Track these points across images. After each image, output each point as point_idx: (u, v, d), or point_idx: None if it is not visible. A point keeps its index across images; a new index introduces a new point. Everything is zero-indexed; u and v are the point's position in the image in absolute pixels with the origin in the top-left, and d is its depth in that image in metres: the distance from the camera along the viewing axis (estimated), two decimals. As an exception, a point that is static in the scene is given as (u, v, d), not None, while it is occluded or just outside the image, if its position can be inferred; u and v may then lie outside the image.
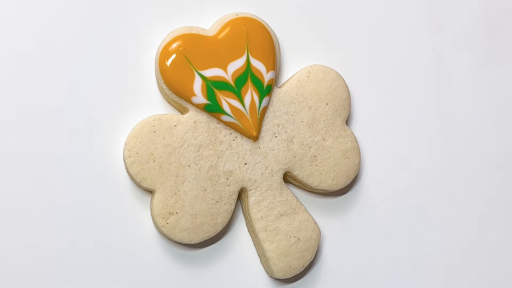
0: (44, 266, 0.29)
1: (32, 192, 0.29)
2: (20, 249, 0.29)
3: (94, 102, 0.29)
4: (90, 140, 0.29)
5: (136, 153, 0.28)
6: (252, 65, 0.29)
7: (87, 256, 0.29)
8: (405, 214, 0.33)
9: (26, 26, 0.29)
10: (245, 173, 0.30)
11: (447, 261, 0.34)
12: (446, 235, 0.34)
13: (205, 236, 0.29)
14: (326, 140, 0.31)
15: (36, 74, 0.29)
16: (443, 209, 0.34)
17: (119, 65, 0.30)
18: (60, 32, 0.29)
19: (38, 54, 0.29)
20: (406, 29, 0.33)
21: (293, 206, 0.31)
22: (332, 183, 0.31)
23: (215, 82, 0.29)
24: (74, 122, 0.29)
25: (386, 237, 0.33)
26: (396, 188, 0.33)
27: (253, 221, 0.30)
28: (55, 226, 0.29)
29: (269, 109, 0.30)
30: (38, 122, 0.29)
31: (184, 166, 0.29)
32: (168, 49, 0.28)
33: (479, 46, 0.34)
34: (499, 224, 0.34)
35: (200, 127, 0.29)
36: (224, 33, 0.29)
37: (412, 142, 0.33)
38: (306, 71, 0.31)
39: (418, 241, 0.33)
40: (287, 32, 0.32)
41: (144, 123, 0.29)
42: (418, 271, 0.33)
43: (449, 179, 0.34)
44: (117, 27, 0.30)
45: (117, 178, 0.29)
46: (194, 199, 0.29)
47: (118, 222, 0.30)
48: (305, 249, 0.31)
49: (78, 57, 0.29)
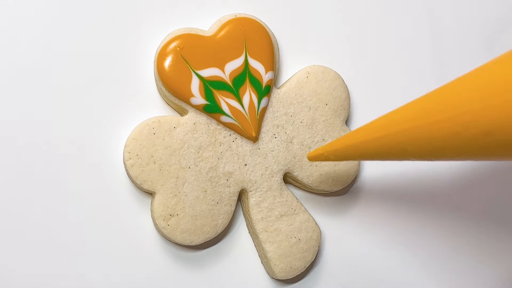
0: (44, 267, 0.29)
1: (31, 195, 0.29)
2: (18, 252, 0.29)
3: (93, 104, 0.29)
4: (90, 142, 0.29)
5: (136, 155, 0.28)
6: (250, 65, 0.29)
7: (87, 258, 0.29)
8: (405, 214, 0.33)
9: (24, 27, 0.29)
10: (245, 174, 0.30)
11: (447, 261, 0.34)
12: (446, 235, 0.34)
13: (206, 238, 0.29)
14: (326, 140, 0.31)
15: (34, 76, 0.29)
16: (443, 209, 0.34)
17: (119, 67, 0.30)
18: (59, 33, 0.29)
19: (36, 56, 0.29)
20: (406, 30, 0.33)
21: (293, 207, 0.31)
22: (332, 184, 0.31)
23: (213, 82, 0.29)
24: (74, 124, 0.29)
25: (387, 237, 0.33)
26: (396, 188, 0.33)
27: (253, 222, 0.30)
28: (54, 229, 0.29)
29: (268, 110, 0.30)
30: (36, 125, 0.29)
31: (184, 168, 0.29)
32: (165, 50, 0.29)
33: (479, 52, 0.34)
34: (499, 224, 0.34)
35: (199, 128, 0.29)
36: (222, 33, 0.29)
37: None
38: (305, 71, 0.31)
39: (418, 241, 0.33)
40: (286, 33, 0.32)
41: (144, 125, 0.29)
42: (418, 271, 0.33)
43: (449, 179, 0.34)
44: (117, 28, 0.30)
45: (117, 181, 0.29)
46: (194, 201, 0.29)
47: (118, 225, 0.30)
48: (306, 250, 0.31)
49: (77, 59, 0.29)
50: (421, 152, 0.23)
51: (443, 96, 0.22)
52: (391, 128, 0.23)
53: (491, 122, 0.20)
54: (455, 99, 0.21)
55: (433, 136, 0.22)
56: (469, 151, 0.21)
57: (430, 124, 0.22)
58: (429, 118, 0.22)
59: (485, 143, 0.21)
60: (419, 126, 0.22)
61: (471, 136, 0.21)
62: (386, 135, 0.24)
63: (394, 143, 0.23)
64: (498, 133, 0.20)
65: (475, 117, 0.20)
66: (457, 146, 0.21)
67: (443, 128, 0.21)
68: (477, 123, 0.20)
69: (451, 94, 0.22)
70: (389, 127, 0.24)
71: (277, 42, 0.31)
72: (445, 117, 0.21)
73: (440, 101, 0.22)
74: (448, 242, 0.34)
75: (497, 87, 0.20)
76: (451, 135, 0.21)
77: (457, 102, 0.21)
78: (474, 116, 0.20)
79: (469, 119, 0.21)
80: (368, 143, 0.25)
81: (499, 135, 0.20)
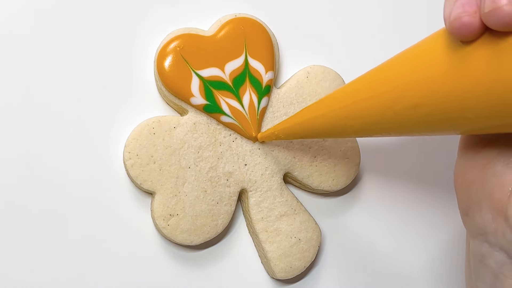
0: (44, 269, 0.29)
1: (31, 195, 0.29)
2: (18, 253, 0.29)
3: (94, 104, 0.29)
4: (90, 143, 0.29)
5: (136, 155, 0.28)
6: (250, 65, 0.29)
7: (88, 258, 0.29)
8: (405, 214, 0.33)
9: (26, 30, 0.29)
10: (245, 174, 0.30)
11: (447, 261, 0.34)
12: (446, 235, 0.34)
13: (206, 237, 0.29)
14: (326, 140, 0.31)
15: (35, 78, 0.29)
16: (443, 209, 0.34)
17: (119, 67, 0.30)
18: (59, 33, 0.29)
19: (36, 56, 0.29)
20: (406, 30, 0.33)
21: (293, 207, 0.31)
22: (332, 183, 0.31)
23: (213, 82, 0.29)
24: (74, 124, 0.29)
25: (387, 237, 0.33)
26: (396, 188, 0.33)
27: (253, 222, 0.30)
28: (55, 229, 0.29)
29: (268, 109, 0.30)
30: (37, 125, 0.29)
31: (184, 168, 0.29)
32: (165, 50, 0.29)
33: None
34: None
35: (199, 128, 0.29)
36: (222, 33, 0.29)
37: (412, 142, 0.33)
38: (305, 71, 0.31)
39: (418, 241, 0.33)
40: (287, 33, 0.32)
41: (144, 125, 0.29)
42: (418, 271, 0.33)
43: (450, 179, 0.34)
44: (117, 29, 0.30)
45: (117, 180, 0.29)
46: (194, 201, 0.29)
47: (118, 225, 0.30)
48: (306, 250, 0.31)
49: (78, 60, 0.29)
50: (360, 128, 0.24)
51: (378, 73, 0.23)
52: (333, 105, 0.25)
53: (418, 95, 0.21)
54: (387, 74, 0.23)
55: (369, 111, 0.23)
56: (401, 125, 0.22)
57: (365, 99, 0.23)
58: (364, 94, 0.23)
59: (414, 116, 0.22)
60: (356, 102, 0.24)
61: (401, 109, 0.22)
62: (329, 111, 0.25)
63: (336, 119, 0.25)
64: (425, 105, 0.21)
65: (404, 91, 0.22)
66: (390, 120, 0.22)
67: (377, 103, 0.23)
68: (406, 97, 0.22)
69: (384, 71, 0.23)
70: (332, 104, 0.25)
71: (277, 42, 0.31)
72: (378, 92, 0.23)
73: (374, 78, 0.23)
74: (448, 242, 0.34)
75: (424, 61, 0.21)
76: (383, 109, 0.22)
77: (389, 77, 0.23)
78: (403, 90, 0.22)
79: (398, 93, 0.22)
80: (313, 120, 0.26)
81: (426, 107, 0.21)
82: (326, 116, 0.25)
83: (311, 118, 0.26)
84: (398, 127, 0.23)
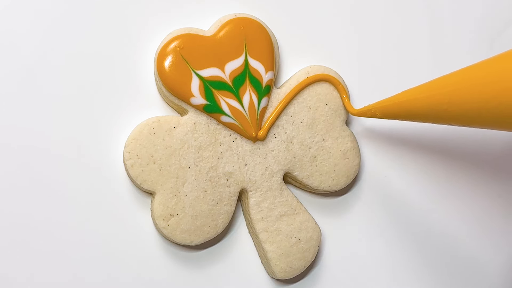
0: (44, 269, 0.29)
1: (31, 195, 0.29)
2: (18, 252, 0.29)
3: (93, 104, 0.29)
4: (90, 142, 0.29)
5: (136, 155, 0.28)
6: (250, 65, 0.29)
7: (88, 258, 0.29)
8: (406, 214, 0.33)
9: (25, 28, 0.29)
10: (245, 174, 0.30)
11: (447, 262, 0.34)
12: (447, 235, 0.34)
13: (206, 238, 0.29)
14: (326, 140, 0.31)
15: (34, 77, 0.29)
16: (444, 209, 0.34)
17: (119, 67, 0.30)
18: (59, 34, 0.29)
19: (36, 57, 0.29)
20: (406, 30, 0.33)
21: (293, 207, 0.31)
22: (332, 184, 0.31)
23: (213, 82, 0.29)
24: (74, 124, 0.29)
25: (387, 237, 0.33)
26: (396, 188, 0.33)
27: (253, 222, 0.30)
28: (54, 229, 0.29)
29: (268, 109, 0.30)
30: (37, 125, 0.29)
31: (184, 168, 0.29)
32: (165, 50, 0.29)
33: (479, 52, 0.34)
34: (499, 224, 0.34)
35: (199, 128, 0.29)
36: (222, 33, 0.29)
37: (412, 142, 0.33)
38: (305, 71, 0.31)
39: (418, 241, 0.33)
40: (287, 33, 0.32)
41: (144, 125, 0.29)
42: (418, 272, 0.33)
43: (450, 180, 0.34)
44: (117, 29, 0.30)
45: (117, 180, 0.29)
46: (194, 201, 0.29)
47: (118, 225, 0.30)
48: (306, 250, 0.31)
49: (77, 60, 0.29)
50: (459, 115, 0.25)
51: (486, 67, 0.24)
52: (435, 90, 0.26)
53: None
54: (497, 70, 0.24)
55: (472, 99, 0.24)
56: (500, 117, 0.23)
57: (470, 87, 0.24)
58: (470, 82, 0.24)
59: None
60: (459, 89, 0.24)
61: (507, 101, 0.23)
62: (430, 95, 0.26)
63: (436, 103, 0.25)
64: None
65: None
66: (493, 111, 0.23)
67: (482, 92, 0.23)
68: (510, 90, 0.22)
69: (493, 67, 0.24)
70: (434, 89, 0.26)
71: (277, 42, 0.31)
72: (486, 81, 0.23)
73: (482, 73, 0.24)
74: (449, 242, 0.34)
75: None
76: (489, 99, 0.23)
77: (499, 74, 0.23)
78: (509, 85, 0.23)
79: (504, 86, 0.23)
80: (413, 101, 0.27)
81: None
82: (427, 99, 0.26)
83: (412, 99, 0.27)
84: (497, 119, 0.23)
